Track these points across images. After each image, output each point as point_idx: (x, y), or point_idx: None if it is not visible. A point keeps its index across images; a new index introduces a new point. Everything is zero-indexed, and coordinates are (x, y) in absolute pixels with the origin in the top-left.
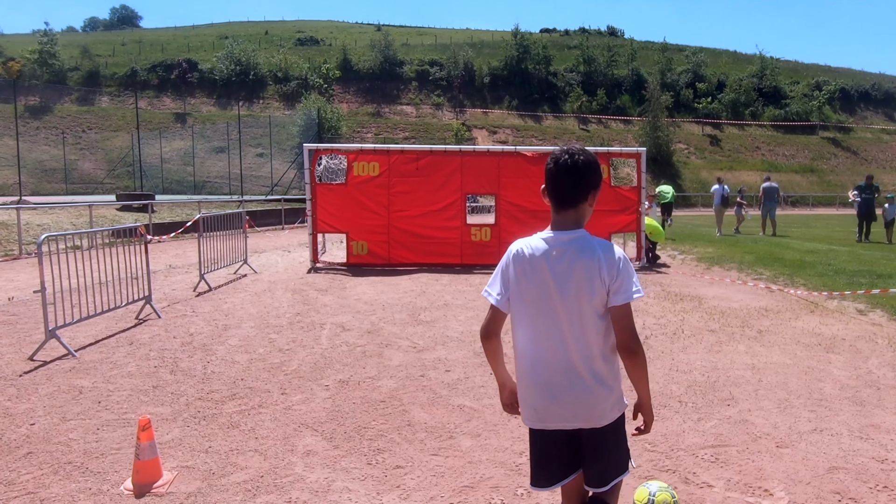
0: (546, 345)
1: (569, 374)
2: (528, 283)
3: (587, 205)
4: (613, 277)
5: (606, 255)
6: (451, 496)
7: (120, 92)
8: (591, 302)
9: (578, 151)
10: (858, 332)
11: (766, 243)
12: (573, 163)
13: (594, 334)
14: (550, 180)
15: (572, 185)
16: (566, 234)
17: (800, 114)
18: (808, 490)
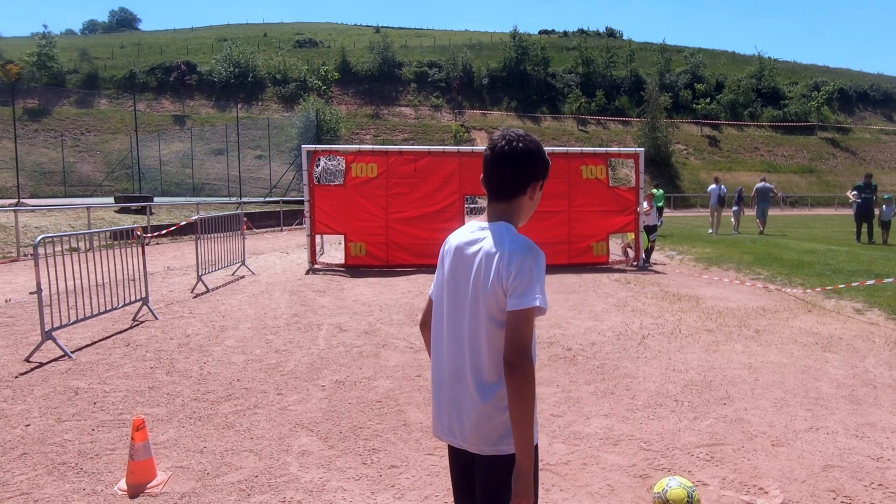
0: (446, 344)
1: (458, 381)
2: (443, 274)
3: (526, 198)
4: (512, 277)
5: (511, 251)
6: (446, 495)
7: (119, 94)
8: (487, 302)
9: (517, 137)
10: (856, 332)
11: (764, 243)
12: (510, 150)
13: (487, 341)
14: (485, 168)
15: (508, 174)
16: (487, 225)
17: (798, 114)
18: (804, 488)
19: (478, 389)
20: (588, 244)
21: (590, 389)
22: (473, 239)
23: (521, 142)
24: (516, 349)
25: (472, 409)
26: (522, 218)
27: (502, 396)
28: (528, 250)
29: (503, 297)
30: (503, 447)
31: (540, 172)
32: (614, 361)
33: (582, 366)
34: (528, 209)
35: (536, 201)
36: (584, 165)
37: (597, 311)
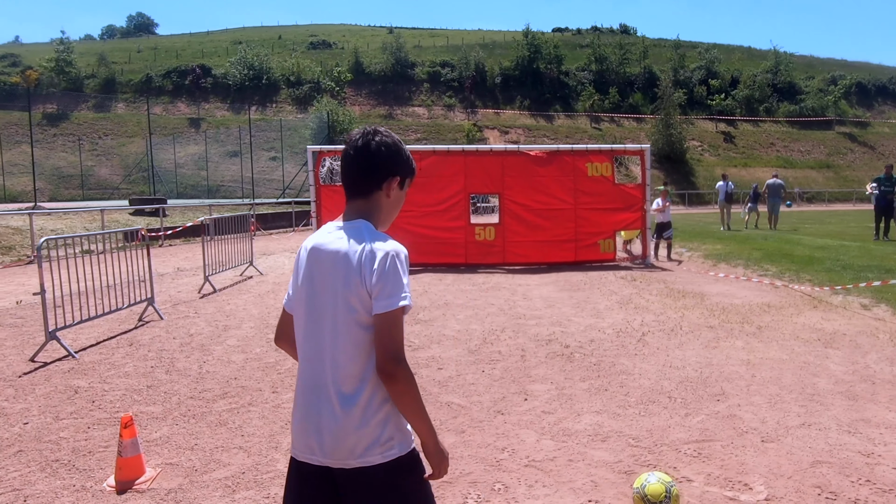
0: (307, 354)
1: (318, 393)
2: (301, 279)
3: (383, 195)
4: (375, 277)
5: (372, 248)
6: None
7: (135, 98)
8: (348, 306)
9: (374, 133)
10: (860, 328)
11: (775, 240)
12: (364, 145)
13: (350, 347)
14: (342, 165)
15: (364, 170)
16: (345, 224)
17: (815, 109)
18: (789, 484)
19: (339, 399)
20: (595, 241)
21: (584, 386)
22: (331, 240)
23: (376, 136)
24: (390, 355)
25: (335, 422)
26: (384, 217)
27: (367, 405)
28: (389, 247)
29: (368, 299)
30: (369, 458)
31: (397, 169)
32: (611, 358)
33: (578, 363)
34: (389, 208)
35: (398, 200)
36: (590, 163)
37: (599, 308)
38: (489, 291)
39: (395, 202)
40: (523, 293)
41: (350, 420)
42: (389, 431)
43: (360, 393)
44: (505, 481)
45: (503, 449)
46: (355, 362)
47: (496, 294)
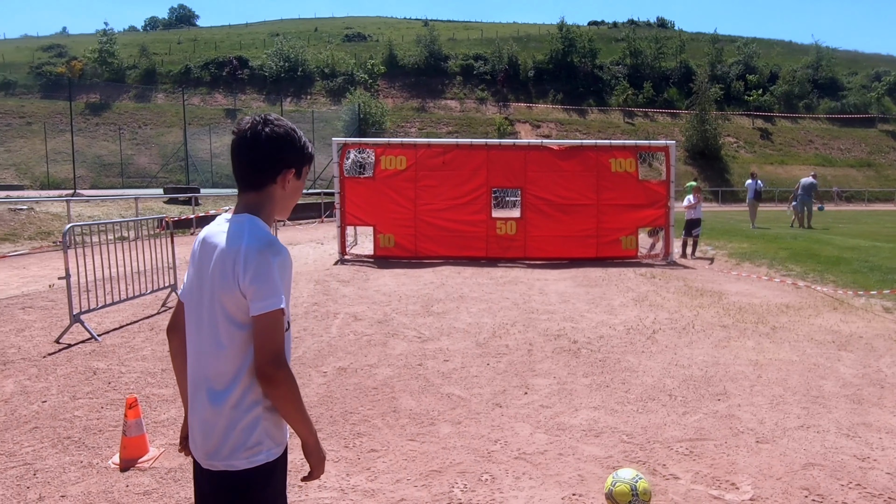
0: (190, 347)
1: (196, 388)
2: (192, 270)
3: (278, 187)
4: (250, 277)
5: (249, 248)
6: (417, 479)
7: (174, 89)
8: (224, 302)
9: (264, 122)
10: (879, 331)
11: (805, 239)
12: (254, 136)
13: (224, 344)
14: (232, 156)
15: (255, 161)
16: (231, 218)
17: (857, 106)
18: (777, 485)
19: (210, 396)
20: (616, 237)
21: (586, 382)
22: (217, 231)
23: (268, 126)
24: (269, 358)
25: (204, 418)
26: (278, 209)
27: (236, 405)
28: (266, 247)
29: (242, 298)
30: (234, 462)
31: (292, 159)
32: (618, 355)
33: (584, 359)
34: (284, 200)
35: (294, 192)
36: (613, 158)
37: (614, 305)
38: (506, 286)
39: (292, 193)
40: (540, 288)
41: (218, 419)
42: (258, 436)
43: (230, 392)
44: (493, 472)
45: (496, 441)
46: (228, 360)
47: (513, 288)
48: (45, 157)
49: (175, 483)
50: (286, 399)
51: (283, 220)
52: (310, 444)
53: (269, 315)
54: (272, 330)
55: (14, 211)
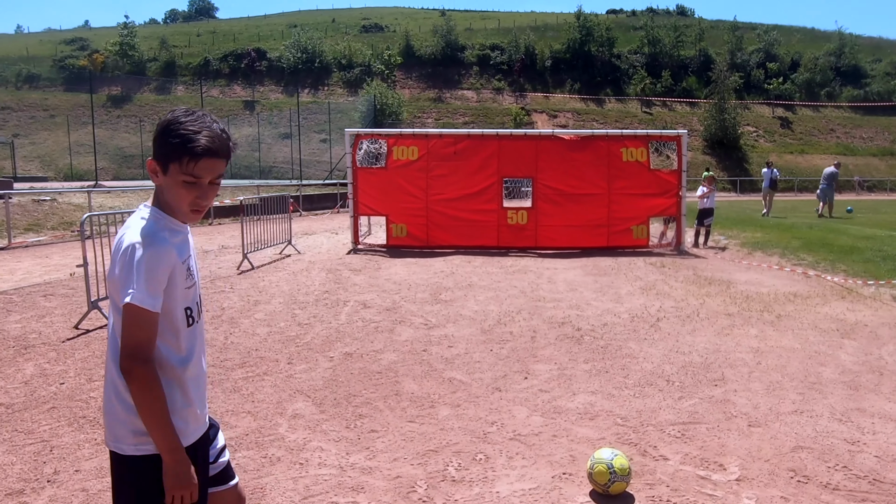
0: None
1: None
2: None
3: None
4: (117, 268)
5: (121, 238)
6: (414, 458)
7: (194, 81)
8: (111, 290)
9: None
10: (885, 319)
11: (820, 228)
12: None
13: (115, 333)
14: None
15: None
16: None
17: (881, 94)
18: (764, 466)
19: (109, 386)
20: (627, 227)
21: (586, 368)
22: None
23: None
24: (125, 351)
25: (105, 397)
26: (172, 198)
27: (119, 392)
28: (137, 240)
29: (116, 286)
30: (122, 445)
31: (163, 151)
32: (620, 342)
33: (587, 345)
34: (168, 190)
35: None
36: (625, 148)
37: (621, 293)
38: (515, 274)
39: (166, 187)
40: (549, 277)
41: (112, 402)
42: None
43: (117, 378)
44: (487, 452)
45: (493, 423)
46: (115, 347)
47: (521, 277)
48: (68, 149)
49: None
50: (138, 398)
51: (299, 212)
52: (165, 460)
53: (127, 307)
54: (129, 323)
55: (38, 202)
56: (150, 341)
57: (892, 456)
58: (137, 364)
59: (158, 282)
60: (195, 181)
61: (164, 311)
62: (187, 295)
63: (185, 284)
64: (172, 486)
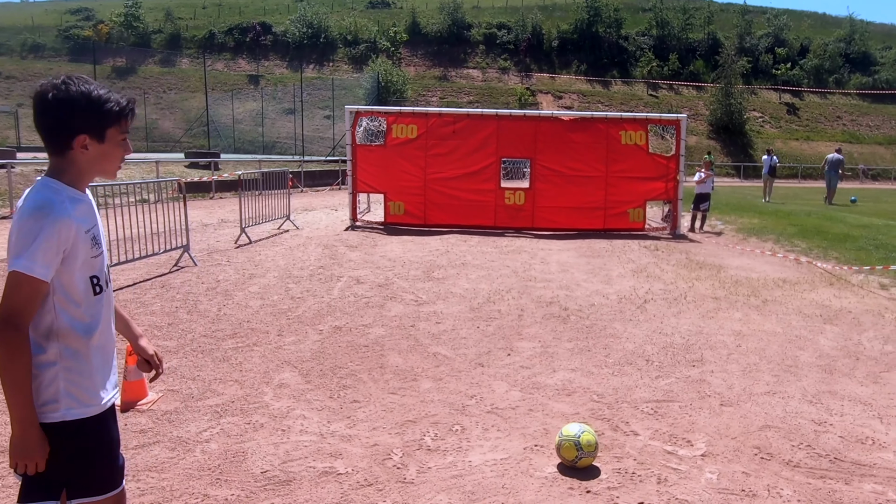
0: None
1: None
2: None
3: (76, 152)
4: (14, 236)
5: (21, 209)
6: (392, 428)
7: (199, 54)
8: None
9: (55, 86)
10: (870, 306)
11: (818, 216)
12: (41, 99)
13: None
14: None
15: (46, 127)
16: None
17: (890, 81)
18: (730, 444)
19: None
20: (624, 210)
21: (569, 346)
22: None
23: (57, 90)
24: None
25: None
26: (90, 172)
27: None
28: (35, 210)
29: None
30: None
31: (81, 125)
32: (605, 322)
33: (572, 325)
34: (93, 163)
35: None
36: (624, 131)
37: (612, 275)
38: (509, 254)
39: (100, 156)
40: (542, 257)
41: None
42: (53, 394)
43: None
44: (464, 424)
45: (472, 396)
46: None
47: (515, 257)
48: None
49: (169, 423)
50: (3, 359)
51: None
52: (15, 430)
53: (12, 274)
54: (10, 289)
55: (40, 172)
56: (25, 309)
57: (855, 437)
58: (8, 329)
59: (54, 252)
60: (125, 137)
61: (65, 281)
62: (93, 264)
63: (91, 254)
64: (19, 454)
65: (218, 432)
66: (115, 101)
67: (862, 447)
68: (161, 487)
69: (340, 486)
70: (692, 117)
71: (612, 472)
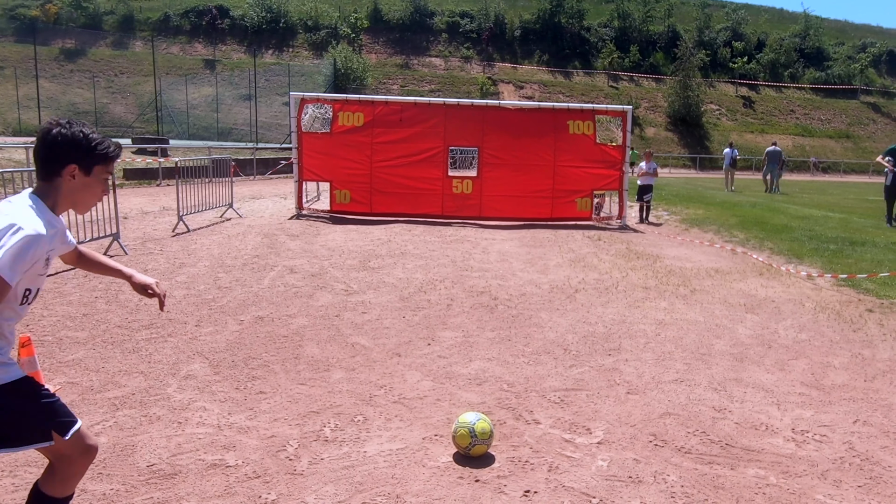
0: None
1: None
2: None
3: (64, 179)
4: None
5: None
6: (294, 419)
7: (153, 37)
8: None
9: (58, 126)
10: (793, 295)
11: (762, 207)
12: (45, 137)
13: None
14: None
15: (44, 157)
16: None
17: (842, 77)
18: (628, 431)
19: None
20: (572, 199)
21: (490, 336)
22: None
23: (62, 128)
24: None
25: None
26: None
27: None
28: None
29: None
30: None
31: (75, 157)
32: (531, 312)
33: (498, 314)
34: (73, 191)
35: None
36: (571, 121)
37: (549, 265)
38: (452, 244)
39: (83, 186)
40: (484, 247)
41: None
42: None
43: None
44: (367, 414)
45: (382, 387)
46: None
47: (457, 247)
48: (16, 102)
49: None
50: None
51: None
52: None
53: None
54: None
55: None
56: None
57: (751, 423)
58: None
59: (25, 263)
60: (109, 176)
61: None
62: (36, 281)
63: (39, 272)
64: None
65: (111, 425)
66: (107, 145)
67: (755, 433)
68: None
69: (227, 478)
70: (651, 109)
71: (506, 461)
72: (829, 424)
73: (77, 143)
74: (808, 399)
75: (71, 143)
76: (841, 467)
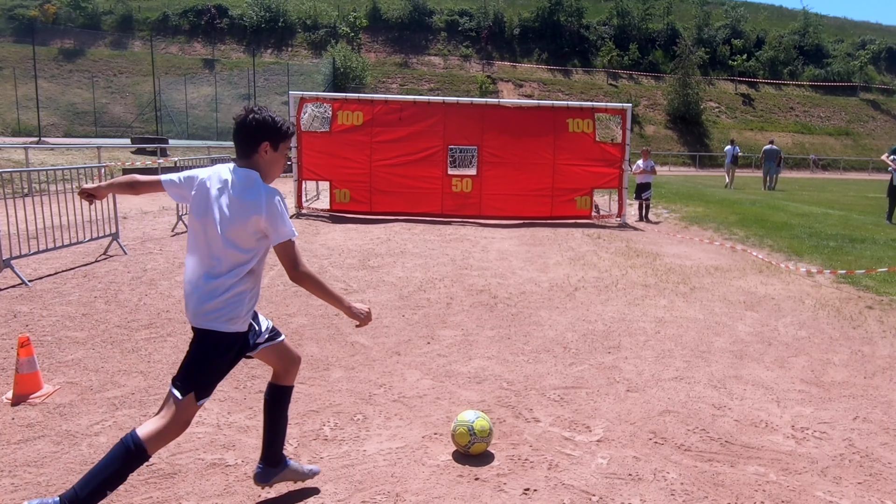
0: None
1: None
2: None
3: (258, 156)
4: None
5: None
6: (294, 418)
7: (152, 37)
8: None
9: (253, 112)
10: (792, 293)
11: (762, 205)
12: (243, 121)
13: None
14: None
15: (242, 139)
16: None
17: (841, 74)
18: (628, 429)
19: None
20: (571, 197)
21: (490, 334)
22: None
23: (254, 114)
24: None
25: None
26: (276, 167)
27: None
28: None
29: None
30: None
31: (268, 136)
32: (531, 310)
33: (498, 313)
34: (267, 164)
35: (274, 161)
36: (571, 119)
37: (549, 263)
38: (451, 243)
39: (272, 161)
40: (483, 246)
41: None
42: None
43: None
44: (367, 413)
45: (381, 385)
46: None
47: (457, 245)
48: (15, 102)
49: (60, 417)
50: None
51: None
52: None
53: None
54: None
55: None
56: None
57: (750, 420)
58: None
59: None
60: (288, 151)
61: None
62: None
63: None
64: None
65: (110, 425)
66: (288, 125)
67: (755, 430)
68: (37, 483)
69: (226, 477)
70: (651, 107)
71: (506, 459)
72: (829, 421)
73: (267, 125)
74: (807, 396)
75: (263, 125)
76: (841, 464)
